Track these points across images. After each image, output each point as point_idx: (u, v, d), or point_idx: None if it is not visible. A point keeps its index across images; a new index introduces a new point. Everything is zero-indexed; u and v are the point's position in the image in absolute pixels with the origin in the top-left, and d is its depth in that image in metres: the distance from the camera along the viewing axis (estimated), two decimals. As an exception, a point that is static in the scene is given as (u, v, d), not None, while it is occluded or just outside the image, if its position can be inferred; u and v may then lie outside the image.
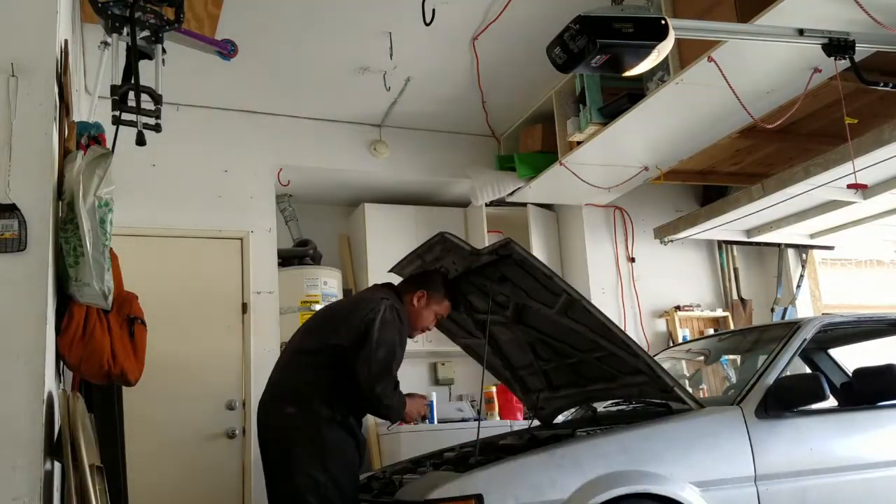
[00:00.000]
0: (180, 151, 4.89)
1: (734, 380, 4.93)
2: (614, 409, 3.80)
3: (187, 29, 3.32)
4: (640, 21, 2.65)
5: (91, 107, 3.96)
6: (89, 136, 2.62)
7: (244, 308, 4.93)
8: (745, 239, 5.77)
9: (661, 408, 3.26)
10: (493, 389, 5.25)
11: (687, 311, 5.88)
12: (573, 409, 4.05)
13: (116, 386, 3.09)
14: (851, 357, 4.33)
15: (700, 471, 2.86)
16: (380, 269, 4.80)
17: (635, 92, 4.23)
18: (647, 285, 5.89)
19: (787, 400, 3.06)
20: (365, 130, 5.60)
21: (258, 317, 4.92)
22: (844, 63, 3.08)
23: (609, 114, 4.45)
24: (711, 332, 5.80)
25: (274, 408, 3.11)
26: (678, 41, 3.09)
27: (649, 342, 5.74)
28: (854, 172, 3.88)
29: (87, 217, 2.18)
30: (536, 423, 4.10)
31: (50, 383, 2.05)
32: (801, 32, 2.97)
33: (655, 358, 3.62)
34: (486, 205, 5.79)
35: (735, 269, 6.21)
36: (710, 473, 2.87)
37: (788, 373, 3.23)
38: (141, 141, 2.74)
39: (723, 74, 3.54)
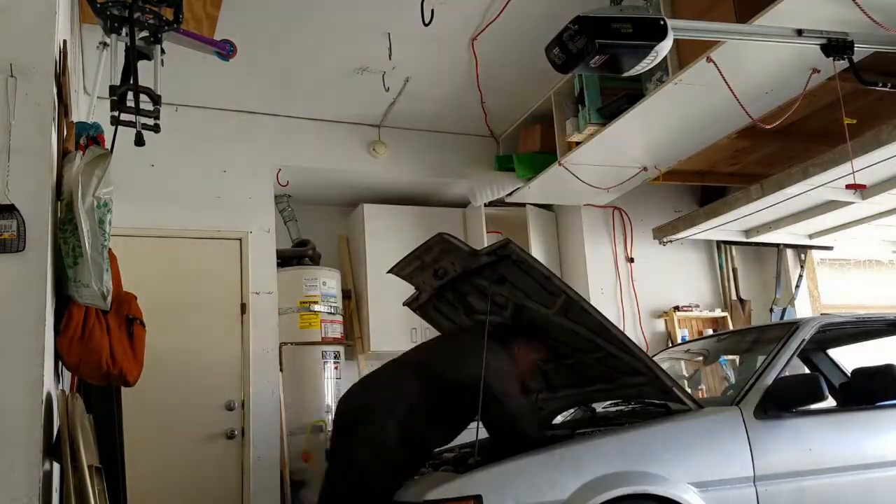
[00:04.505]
0: (179, 152, 4.89)
1: (733, 380, 4.94)
2: (613, 409, 3.80)
3: (186, 29, 3.32)
4: (639, 21, 2.65)
5: (90, 107, 3.96)
6: (88, 137, 2.62)
7: (243, 308, 4.93)
8: (743, 239, 5.77)
9: (660, 408, 3.26)
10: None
11: (686, 311, 5.88)
12: (572, 410, 4.05)
13: (115, 386, 3.09)
14: (850, 357, 4.33)
15: (699, 471, 2.86)
16: (379, 270, 4.80)
17: (634, 92, 4.23)
18: (646, 286, 5.89)
19: (785, 400, 3.06)
20: (364, 131, 5.60)
21: (257, 317, 4.92)
22: (843, 63, 3.08)
23: (608, 114, 4.46)
24: (710, 332, 5.80)
25: None
26: (677, 41, 3.09)
27: (648, 342, 5.75)
28: (853, 173, 3.88)
29: (85, 217, 2.18)
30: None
31: (49, 384, 2.05)
32: (799, 33, 2.97)
33: (654, 358, 3.62)
34: (485, 205, 5.79)
35: (734, 270, 6.21)
36: (709, 474, 2.87)
37: (787, 373, 3.23)
38: (140, 141, 2.74)
39: (721, 75, 3.54)
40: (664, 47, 2.69)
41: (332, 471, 3.19)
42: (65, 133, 2.53)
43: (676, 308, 5.86)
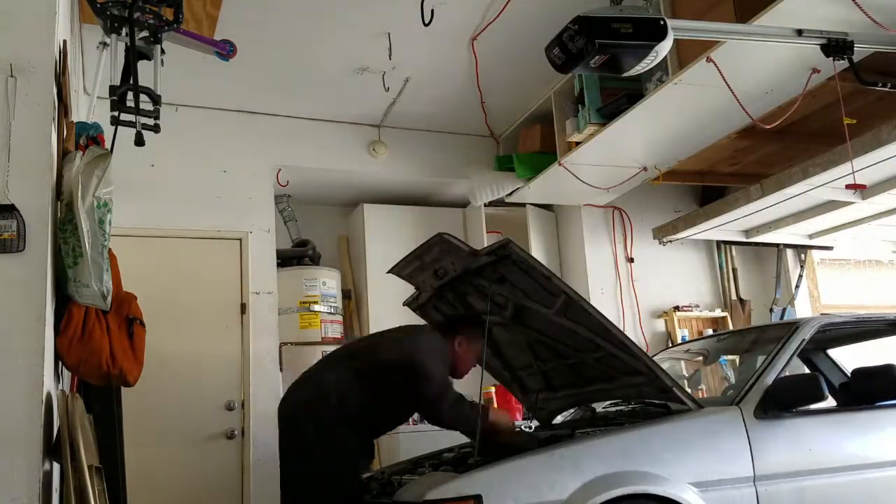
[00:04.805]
0: (179, 152, 4.89)
1: (733, 380, 4.94)
2: (613, 409, 3.80)
3: (186, 29, 3.32)
4: (639, 21, 2.66)
5: (90, 107, 3.96)
6: (88, 137, 2.62)
7: (243, 308, 4.93)
8: (743, 239, 5.78)
9: (660, 408, 3.26)
10: (493, 390, 5.25)
11: (686, 311, 5.88)
12: (572, 410, 4.05)
13: (115, 386, 3.09)
14: (850, 357, 4.33)
15: (699, 471, 2.86)
16: (379, 270, 4.80)
17: (634, 92, 4.24)
18: (646, 286, 5.89)
19: (785, 400, 3.06)
20: (364, 131, 5.60)
21: (257, 317, 4.91)
22: (843, 63, 3.08)
23: (608, 114, 4.46)
24: (710, 332, 5.80)
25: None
26: (677, 41, 3.09)
27: (648, 342, 5.75)
28: (853, 173, 3.88)
29: (85, 217, 2.18)
30: (535, 423, 4.10)
31: (49, 384, 2.05)
32: (799, 33, 2.97)
33: (654, 358, 3.62)
34: (485, 205, 5.79)
35: (734, 270, 6.21)
36: (709, 474, 2.87)
37: (787, 373, 3.23)
38: (140, 141, 2.74)
39: (721, 75, 3.54)
40: (664, 47, 2.69)
41: (290, 474, 3.27)
42: (65, 133, 2.52)
43: (676, 308, 5.86)
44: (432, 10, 4.06)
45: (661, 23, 2.67)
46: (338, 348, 3.79)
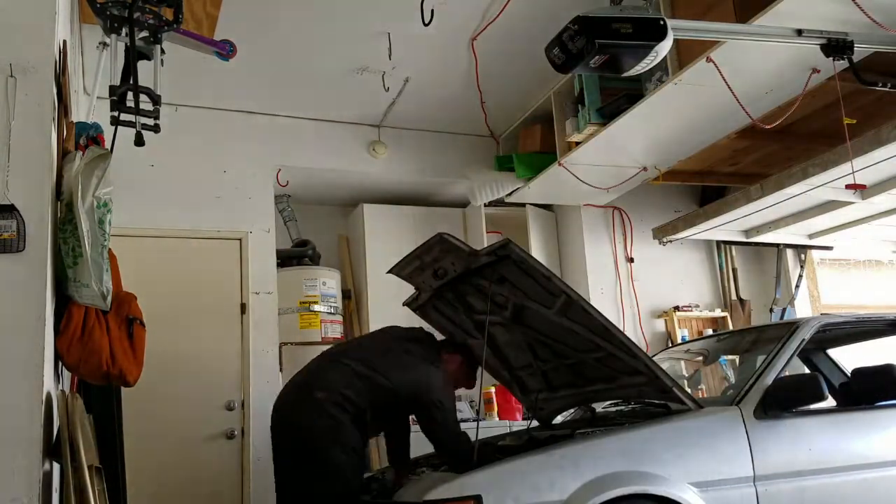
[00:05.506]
0: (179, 152, 4.89)
1: (733, 380, 4.94)
2: (613, 409, 3.80)
3: (186, 29, 3.32)
4: (639, 21, 2.66)
5: (90, 107, 3.96)
6: (88, 137, 2.62)
7: (243, 308, 4.93)
8: (743, 239, 5.77)
9: (660, 408, 3.26)
10: (492, 390, 5.25)
11: (686, 311, 5.89)
12: (572, 410, 4.05)
13: (115, 386, 3.09)
14: (850, 357, 4.33)
15: (699, 471, 2.86)
16: (379, 270, 4.80)
17: (634, 92, 4.24)
18: (646, 286, 5.89)
19: (785, 400, 3.06)
20: (364, 131, 5.60)
21: (257, 317, 4.92)
22: (843, 63, 3.08)
23: (608, 114, 4.46)
24: (710, 332, 5.80)
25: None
26: (677, 41, 3.09)
27: (648, 342, 5.75)
28: (853, 173, 3.88)
29: (85, 217, 2.18)
30: (535, 423, 4.10)
31: (49, 384, 2.05)
32: (799, 33, 2.97)
33: (654, 358, 3.63)
34: (485, 205, 5.79)
35: (734, 270, 6.21)
36: (709, 474, 2.87)
37: (787, 373, 3.23)
38: (139, 141, 2.74)
39: (721, 75, 3.54)
40: (664, 47, 2.69)
41: (292, 472, 3.23)
42: (65, 133, 2.53)
43: (676, 308, 5.86)
44: (432, 10, 4.06)
45: (661, 23, 2.67)
46: (333, 349, 3.68)
